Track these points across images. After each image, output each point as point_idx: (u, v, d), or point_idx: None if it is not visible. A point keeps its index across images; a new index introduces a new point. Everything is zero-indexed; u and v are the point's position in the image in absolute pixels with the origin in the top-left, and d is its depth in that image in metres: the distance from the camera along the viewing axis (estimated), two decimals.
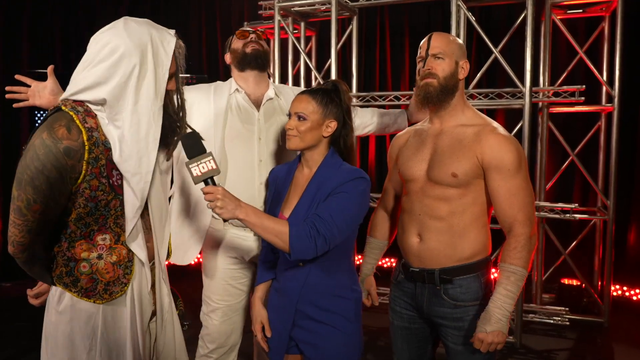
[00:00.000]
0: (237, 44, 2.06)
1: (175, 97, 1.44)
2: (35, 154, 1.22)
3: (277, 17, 3.75)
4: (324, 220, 1.49)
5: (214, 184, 1.45)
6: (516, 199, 1.54)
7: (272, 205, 1.73)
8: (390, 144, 1.89)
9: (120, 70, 1.28)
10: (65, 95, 1.32)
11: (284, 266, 1.66)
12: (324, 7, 3.88)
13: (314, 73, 4.17)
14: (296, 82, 4.20)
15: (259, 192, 2.01)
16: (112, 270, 1.34)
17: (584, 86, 3.30)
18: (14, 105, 1.80)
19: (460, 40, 1.70)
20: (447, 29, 4.68)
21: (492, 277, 1.67)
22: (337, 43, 3.61)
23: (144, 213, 1.42)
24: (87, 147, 1.25)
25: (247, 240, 2.04)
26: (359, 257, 3.48)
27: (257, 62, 2.03)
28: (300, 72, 4.18)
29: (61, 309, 1.34)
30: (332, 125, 1.62)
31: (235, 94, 2.07)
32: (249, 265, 2.09)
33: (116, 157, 1.30)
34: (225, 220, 2.01)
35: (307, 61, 3.91)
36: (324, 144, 1.65)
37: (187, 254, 2.05)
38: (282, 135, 2.05)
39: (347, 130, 1.65)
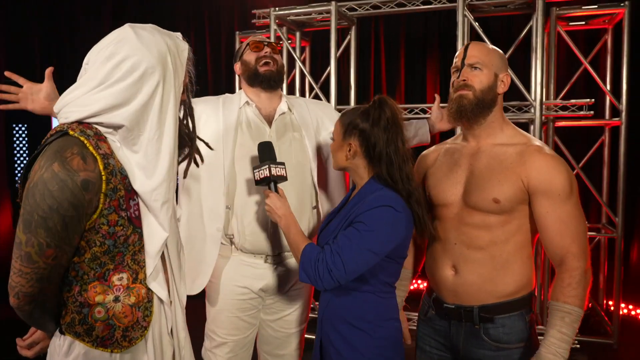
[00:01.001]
0: (249, 56, 1.88)
1: (183, 107, 1.28)
2: (46, 190, 1.04)
3: (274, 27, 3.58)
4: (333, 251, 1.44)
5: (275, 189, 1.64)
6: (568, 228, 1.37)
7: (327, 218, 1.70)
8: (416, 161, 1.72)
9: (143, 90, 1.11)
10: (72, 119, 1.13)
11: None
12: (320, 17, 3.73)
13: (308, 82, 4.01)
14: (291, 92, 4.03)
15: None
16: (130, 314, 1.17)
17: (592, 100, 3.20)
18: (0, 107, 1.58)
19: (500, 51, 1.54)
20: (445, 40, 4.62)
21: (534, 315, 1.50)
22: (336, 52, 3.45)
23: None
24: (104, 178, 1.09)
25: (258, 268, 1.84)
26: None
27: (269, 83, 1.87)
28: (295, 81, 4.01)
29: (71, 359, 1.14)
30: (353, 146, 1.52)
31: (245, 107, 1.89)
32: (259, 295, 1.89)
33: (139, 185, 1.13)
34: (234, 245, 1.85)
35: (304, 70, 3.75)
36: (360, 167, 1.53)
37: (195, 283, 1.84)
38: (297, 153, 1.86)
39: (385, 159, 1.46)
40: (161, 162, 1.14)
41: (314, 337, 1.79)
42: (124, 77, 1.10)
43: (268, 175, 1.63)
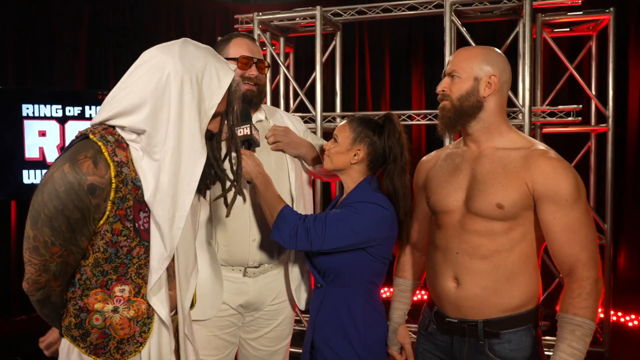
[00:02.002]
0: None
1: (218, 140, 1.26)
2: (54, 190, 1.05)
3: (257, 32, 3.49)
4: (318, 217, 1.54)
5: (248, 147, 1.64)
6: (577, 236, 1.30)
7: None
8: (416, 168, 1.64)
9: (160, 91, 1.07)
10: (98, 119, 1.13)
11: (314, 286, 1.70)
12: (304, 22, 3.65)
13: (292, 88, 3.92)
14: (275, 98, 3.93)
15: (250, 216, 1.73)
16: (127, 327, 1.16)
17: (580, 106, 3.19)
18: None
19: (491, 51, 1.45)
20: (430, 46, 4.60)
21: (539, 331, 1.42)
22: (322, 58, 3.37)
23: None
24: (114, 185, 1.09)
25: (236, 282, 1.73)
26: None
27: (250, 103, 1.76)
28: (280, 88, 3.92)
29: None
30: (360, 153, 1.62)
31: None
32: (238, 312, 1.77)
33: (149, 196, 1.10)
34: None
35: (288, 76, 3.66)
36: (356, 172, 1.64)
37: (211, 307, 1.72)
38: (276, 160, 1.79)
39: (390, 170, 1.60)
40: (182, 176, 1.10)
41: (299, 350, 1.71)
42: (144, 76, 1.09)
43: (249, 133, 1.63)
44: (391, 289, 1.71)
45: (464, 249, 1.40)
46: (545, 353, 1.42)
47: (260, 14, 3.51)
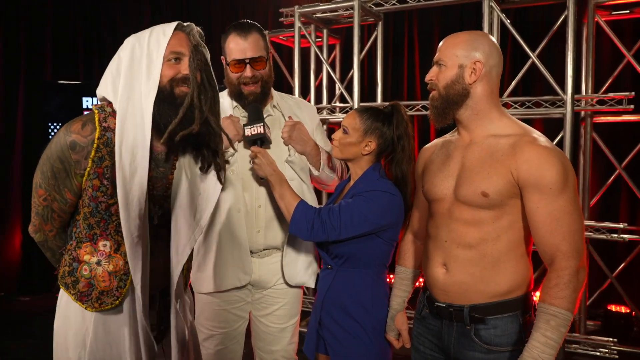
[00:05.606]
0: (230, 73, 1.80)
1: (185, 85, 1.30)
2: (50, 143, 1.29)
3: (298, 24, 3.58)
4: (332, 209, 1.60)
5: (261, 145, 1.72)
6: (559, 225, 1.27)
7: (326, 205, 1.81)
8: (418, 157, 1.67)
9: (122, 61, 1.29)
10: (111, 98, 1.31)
11: (323, 267, 1.77)
12: (347, 13, 3.69)
13: (337, 84, 3.98)
14: (319, 94, 4.00)
15: (258, 210, 1.83)
16: (108, 280, 1.31)
17: (632, 93, 2.99)
18: None
19: (477, 36, 1.42)
20: None
21: (533, 317, 1.40)
22: (360, 51, 3.40)
23: (162, 230, 1.39)
24: (95, 145, 1.26)
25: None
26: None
27: (254, 102, 1.81)
28: (323, 83, 3.98)
29: (60, 312, 1.35)
30: (372, 145, 1.67)
31: (235, 110, 1.88)
32: (246, 288, 1.89)
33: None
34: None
35: (330, 71, 3.72)
36: (365, 161, 1.70)
37: (229, 279, 1.84)
38: (286, 150, 1.86)
39: (399, 158, 1.65)
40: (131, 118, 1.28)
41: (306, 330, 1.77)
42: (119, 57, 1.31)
43: (262, 132, 1.69)
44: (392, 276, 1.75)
45: (452, 237, 1.41)
46: None
47: (301, 6, 3.59)
